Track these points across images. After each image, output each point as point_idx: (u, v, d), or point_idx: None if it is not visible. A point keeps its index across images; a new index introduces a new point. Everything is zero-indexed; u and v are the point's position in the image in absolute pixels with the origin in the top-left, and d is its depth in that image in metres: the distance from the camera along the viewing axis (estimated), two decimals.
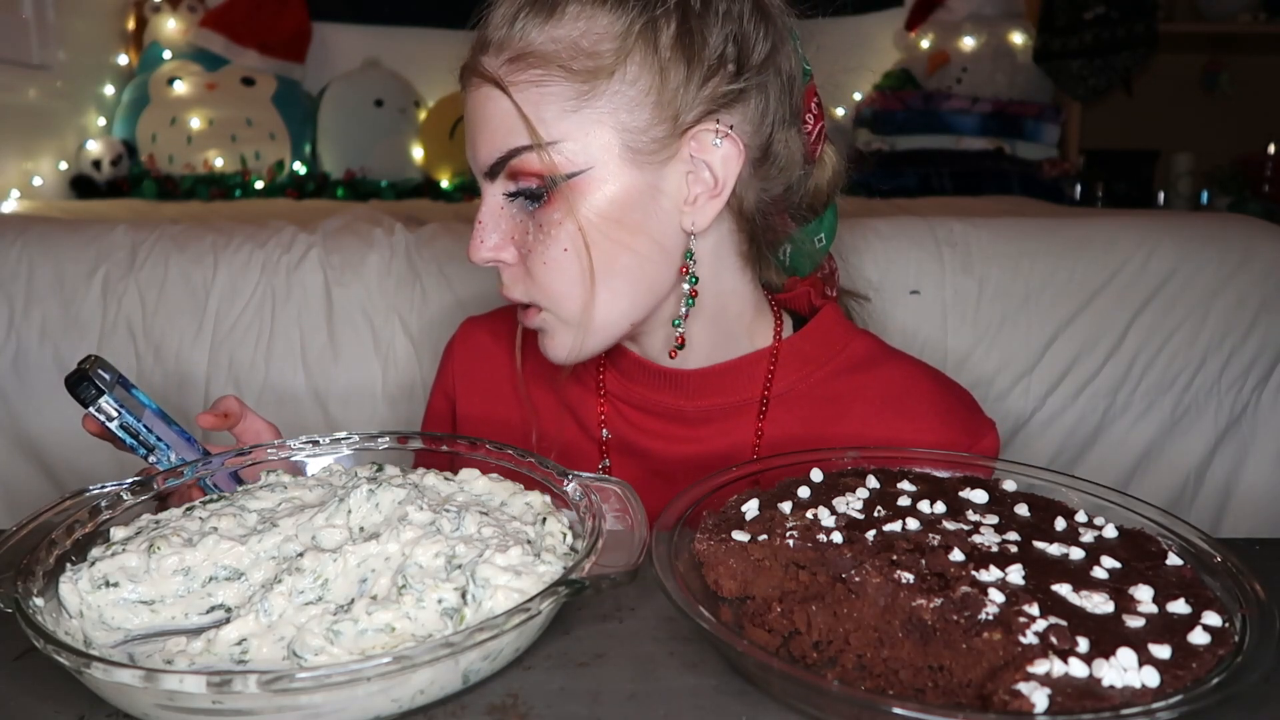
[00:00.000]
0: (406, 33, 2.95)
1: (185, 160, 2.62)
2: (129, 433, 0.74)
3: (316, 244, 1.32)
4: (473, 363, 0.96)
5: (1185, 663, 0.46)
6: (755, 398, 0.84)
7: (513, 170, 0.74)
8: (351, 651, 0.51)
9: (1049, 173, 2.72)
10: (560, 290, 0.76)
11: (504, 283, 0.79)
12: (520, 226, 0.76)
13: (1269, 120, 3.09)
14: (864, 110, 2.83)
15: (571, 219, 0.73)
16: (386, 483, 0.63)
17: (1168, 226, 1.32)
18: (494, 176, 0.76)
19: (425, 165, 2.79)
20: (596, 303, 0.76)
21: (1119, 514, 0.62)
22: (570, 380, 0.90)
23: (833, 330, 0.87)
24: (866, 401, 0.84)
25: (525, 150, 0.73)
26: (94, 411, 0.73)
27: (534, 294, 0.77)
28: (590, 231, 0.74)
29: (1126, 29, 2.74)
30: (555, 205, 0.74)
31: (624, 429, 0.88)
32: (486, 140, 0.75)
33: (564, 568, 0.55)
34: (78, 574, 0.57)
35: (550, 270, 0.75)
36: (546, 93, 0.72)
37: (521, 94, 0.73)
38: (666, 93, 0.73)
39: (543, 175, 0.73)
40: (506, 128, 0.74)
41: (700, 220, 0.76)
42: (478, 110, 0.76)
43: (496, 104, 0.74)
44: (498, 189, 0.76)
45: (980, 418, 0.86)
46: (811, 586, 0.55)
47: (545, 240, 0.75)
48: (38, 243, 1.30)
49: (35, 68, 2.41)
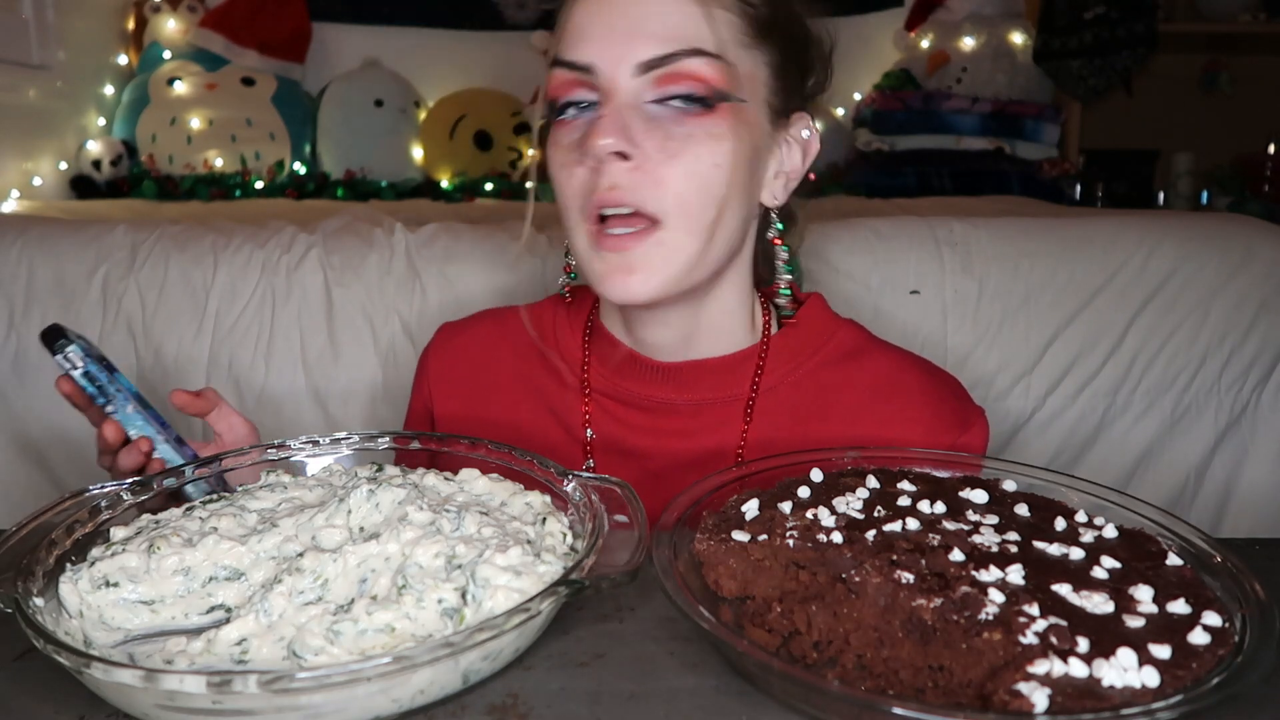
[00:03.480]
0: (406, 33, 2.95)
1: (185, 160, 2.62)
2: (91, 380, 0.76)
3: (316, 244, 1.32)
4: (450, 367, 0.95)
5: (1185, 663, 0.46)
6: (744, 393, 0.85)
7: (677, 71, 0.73)
8: (351, 651, 0.51)
9: (1049, 173, 2.72)
10: (697, 202, 0.75)
11: (615, 184, 0.73)
12: (649, 132, 0.74)
13: (1269, 120, 3.09)
14: (864, 110, 2.83)
15: (729, 138, 0.75)
16: (386, 483, 0.63)
17: (1168, 226, 1.32)
18: (646, 71, 0.74)
19: (425, 165, 2.79)
20: (720, 227, 0.77)
21: (1119, 514, 0.62)
22: (552, 381, 0.90)
23: (819, 321, 0.88)
24: (855, 392, 0.84)
25: (701, 55, 0.73)
26: (60, 360, 0.75)
27: (661, 202, 0.74)
28: (737, 157, 0.75)
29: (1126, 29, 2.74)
30: (719, 118, 0.74)
31: (611, 428, 0.87)
32: (653, 33, 0.73)
33: (564, 568, 0.55)
34: (78, 574, 0.57)
35: (692, 181, 0.74)
36: (729, 19, 0.75)
37: (707, 8, 0.74)
38: (792, 71, 0.80)
39: (709, 84, 0.74)
40: (683, 28, 0.74)
41: (780, 196, 0.82)
42: (648, 4, 0.74)
43: (676, 4, 0.74)
44: (639, 86, 0.74)
45: (969, 405, 0.86)
46: (811, 586, 0.55)
47: (697, 150, 0.74)
48: (38, 243, 1.30)
49: (35, 68, 2.41)
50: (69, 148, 2.58)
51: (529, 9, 2.98)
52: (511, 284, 1.29)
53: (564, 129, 0.77)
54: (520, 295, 1.29)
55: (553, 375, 0.90)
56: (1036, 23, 2.81)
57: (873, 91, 2.84)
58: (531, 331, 0.92)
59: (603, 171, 0.74)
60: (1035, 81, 2.80)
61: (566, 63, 0.76)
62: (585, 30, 0.76)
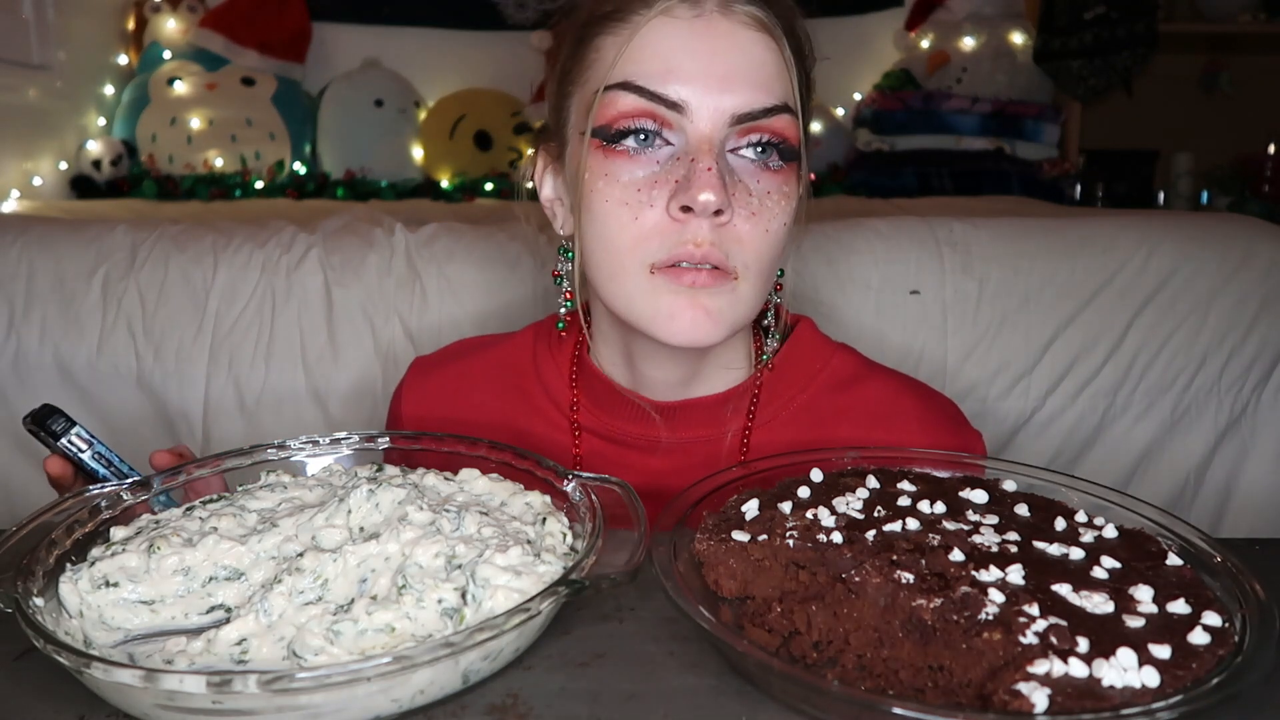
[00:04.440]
0: (406, 33, 2.95)
1: (185, 160, 2.62)
2: (102, 462, 0.72)
3: (316, 244, 1.32)
4: (427, 409, 0.91)
5: (1185, 663, 0.46)
6: (740, 426, 0.83)
7: (769, 127, 0.71)
8: (351, 651, 0.51)
9: (1049, 173, 2.72)
10: (768, 258, 0.73)
11: (708, 239, 0.70)
12: (735, 188, 0.71)
13: (1269, 120, 3.09)
14: (864, 110, 2.83)
15: (794, 196, 0.74)
16: (386, 483, 0.63)
17: (1168, 226, 1.32)
18: (739, 122, 0.71)
19: (425, 165, 2.79)
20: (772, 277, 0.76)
21: (1119, 514, 0.62)
22: (538, 422, 0.87)
23: (811, 348, 0.86)
24: (852, 421, 0.83)
25: (789, 112, 0.72)
26: (66, 444, 0.71)
27: (740, 258, 0.72)
28: (796, 213, 0.75)
29: (1126, 29, 2.74)
30: (790, 175, 0.73)
31: (602, 468, 0.83)
32: (751, 81, 0.71)
33: (564, 568, 0.55)
34: (78, 574, 0.57)
35: (766, 239, 0.72)
36: (794, 71, 0.74)
37: (785, 56, 0.73)
38: (807, 98, 0.77)
39: (787, 143, 0.72)
40: (775, 79, 0.72)
41: (799, 215, 0.79)
42: (746, 47, 0.71)
43: (769, 52, 0.72)
44: (728, 135, 0.71)
45: (966, 429, 0.85)
46: (811, 586, 0.55)
47: (773, 209, 0.72)
48: (38, 243, 1.30)
49: (35, 68, 2.41)
50: (69, 148, 2.58)
51: (529, 9, 2.98)
52: (511, 284, 1.29)
53: (621, 161, 0.72)
54: (519, 295, 1.29)
55: (538, 415, 0.87)
56: (1036, 23, 2.81)
57: (873, 91, 2.84)
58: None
59: (693, 225, 0.70)
60: (1035, 81, 2.80)
61: (651, 93, 0.71)
62: (674, 61, 0.71)
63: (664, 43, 0.71)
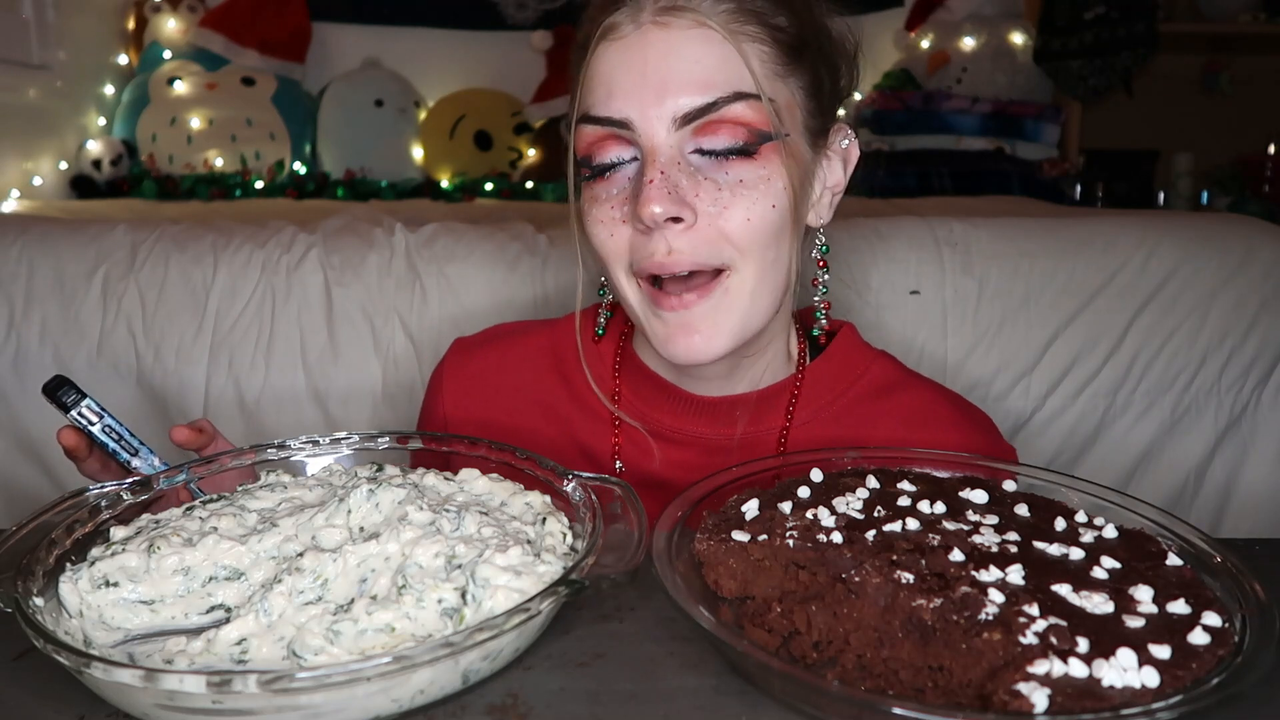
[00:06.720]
0: (406, 33, 2.96)
1: (185, 160, 2.62)
2: (112, 436, 0.72)
3: (316, 244, 1.32)
4: (467, 390, 0.91)
5: (1185, 663, 0.46)
6: (779, 425, 0.83)
7: (720, 119, 0.70)
8: (351, 651, 0.51)
9: (1049, 173, 2.72)
10: (759, 243, 0.72)
11: (672, 248, 0.71)
12: (699, 187, 0.71)
13: (1269, 120, 3.09)
14: (864, 110, 2.83)
15: (779, 176, 0.72)
16: (386, 483, 0.63)
17: (1168, 226, 1.32)
18: (686, 124, 0.71)
19: (425, 165, 2.79)
20: (778, 264, 0.74)
21: (1119, 514, 0.62)
22: (578, 411, 0.87)
23: (853, 354, 0.86)
24: (889, 424, 0.83)
25: (741, 98, 0.70)
26: (76, 415, 0.72)
27: (723, 254, 0.72)
28: (789, 193, 0.73)
29: (1126, 29, 2.74)
30: (766, 159, 0.72)
31: (640, 460, 0.85)
32: (689, 80, 0.70)
33: (564, 568, 0.55)
34: (78, 574, 0.57)
35: (754, 227, 0.71)
36: (760, 51, 0.72)
37: (738, 43, 0.71)
38: (825, 86, 0.77)
39: (752, 128, 0.71)
40: (719, 70, 0.71)
41: (826, 215, 0.79)
42: (679, 50, 0.71)
43: (708, 48, 0.71)
44: (680, 138, 0.71)
45: (1000, 443, 0.86)
46: (811, 586, 0.55)
47: (749, 194, 0.71)
48: (38, 243, 1.30)
49: (35, 68, 2.41)
50: (69, 147, 2.58)
51: (529, 9, 2.98)
52: (511, 283, 1.29)
53: (599, 185, 0.75)
54: (519, 295, 1.29)
55: (578, 404, 0.87)
56: (1036, 23, 2.81)
57: (873, 92, 2.84)
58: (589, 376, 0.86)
59: (655, 236, 0.71)
60: (1035, 81, 2.80)
61: (598, 119, 0.73)
62: (615, 82, 0.72)
63: (605, 66, 0.73)
